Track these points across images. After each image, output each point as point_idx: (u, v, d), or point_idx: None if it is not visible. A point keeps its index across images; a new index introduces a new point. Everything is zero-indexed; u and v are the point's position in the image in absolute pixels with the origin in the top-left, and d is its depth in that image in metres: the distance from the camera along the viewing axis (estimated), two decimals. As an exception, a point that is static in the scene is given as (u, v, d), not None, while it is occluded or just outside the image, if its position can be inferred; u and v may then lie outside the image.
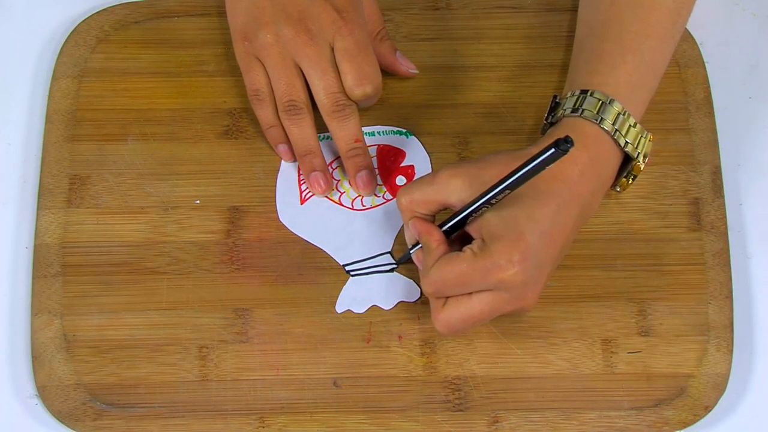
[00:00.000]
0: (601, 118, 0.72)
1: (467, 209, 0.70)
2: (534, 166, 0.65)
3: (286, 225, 0.79)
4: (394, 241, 0.79)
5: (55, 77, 0.82)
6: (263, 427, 0.74)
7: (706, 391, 0.75)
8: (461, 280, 0.69)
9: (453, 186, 0.71)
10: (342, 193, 0.80)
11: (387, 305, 0.77)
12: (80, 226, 0.79)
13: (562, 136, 0.63)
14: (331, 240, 0.79)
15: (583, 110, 0.72)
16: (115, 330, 0.76)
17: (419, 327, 0.76)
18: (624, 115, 0.72)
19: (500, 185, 0.67)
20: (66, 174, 0.80)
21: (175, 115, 0.82)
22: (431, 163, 0.80)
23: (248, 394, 0.75)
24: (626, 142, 0.73)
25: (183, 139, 0.81)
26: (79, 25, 0.84)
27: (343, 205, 0.80)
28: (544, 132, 0.76)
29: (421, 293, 0.77)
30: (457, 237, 0.72)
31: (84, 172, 0.80)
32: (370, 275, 0.78)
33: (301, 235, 0.78)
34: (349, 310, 0.77)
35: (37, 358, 0.76)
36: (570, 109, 0.73)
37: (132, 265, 0.78)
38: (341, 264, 0.78)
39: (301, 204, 0.80)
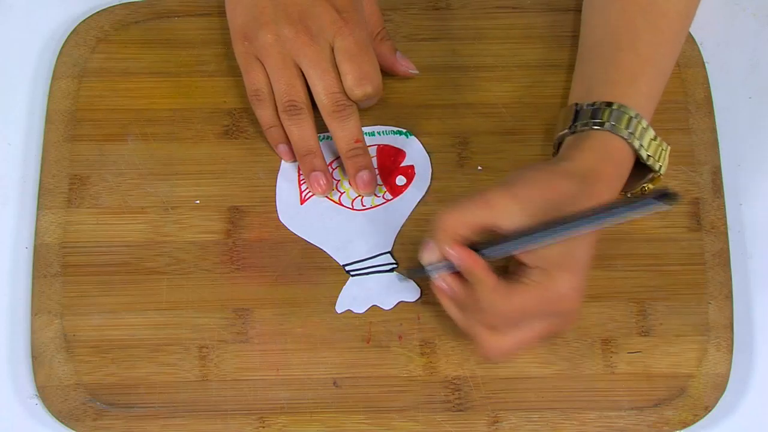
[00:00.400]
0: (629, 133, 0.71)
1: (526, 240, 0.66)
2: (630, 214, 0.62)
3: (286, 225, 0.79)
4: (394, 241, 0.78)
5: (55, 77, 0.82)
6: (263, 427, 0.74)
7: (706, 391, 0.75)
8: (526, 312, 0.69)
9: (511, 211, 0.68)
10: (342, 193, 0.80)
11: (387, 305, 0.77)
12: (80, 226, 0.79)
13: (591, 148, 0.61)
14: (331, 240, 0.79)
15: (610, 124, 0.71)
16: (115, 330, 0.76)
17: (419, 327, 0.76)
18: (645, 128, 0.72)
19: (584, 225, 0.64)
20: (66, 174, 0.80)
21: (175, 115, 0.82)
22: (431, 163, 0.80)
23: (248, 394, 0.75)
24: (648, 155, 0.72)
25: (183, 139, 0.81)
26: (79, 25, 0.84)
27: (343, 205, 0.80)
28: (560, 141, 0.75)
29: (422, 293, 0.77)
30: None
31: (84, 172, 0.80)
32: (370, 275, 0.78)
33: (301, 235, 0.78)
34: (349, 310, 0.77)
35: (37, 358, 0.76)
36: (594, 121, 0.72)
37: (132, 265, 0.78)
38: (341, 264, 0.78)
39: (301, 204, 0.80)
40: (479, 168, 0.80)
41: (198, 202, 0.79)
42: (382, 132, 0.81)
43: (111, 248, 0.78)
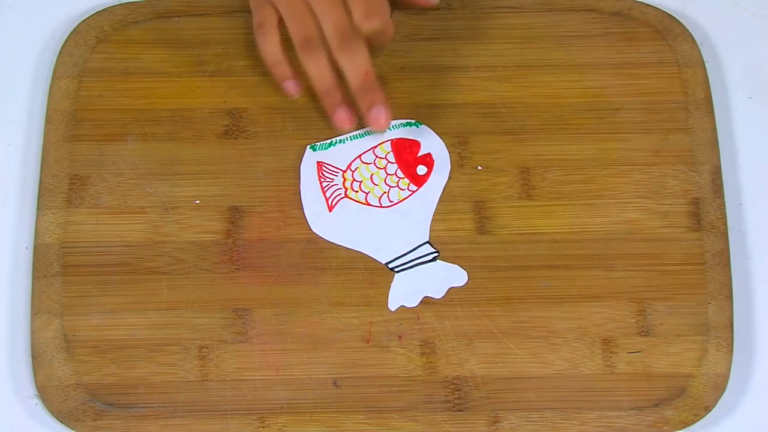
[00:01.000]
0: None
1: None
2: None
3: (320, 235, 0.78)
4: (430, 230, 0.78)
5: (55, 77, 0.82)
6: (263, 427, 0.74)
7: (706, 391, 0.75)
8: None
9: None
10: (367, 193, 0.80)
11: (438, 294, 0.77)
12: (80, 226, 0.79)
13: None
14: (367, 241, 0.78)
15: None
16: (115, 330, 0.76)
17: (419, 327, 0.76)
18: None
19: None
20: (66, 174, 0.80)
21: (175, 115, 0.82)
22: (447, 148, 0.80)
23: (248, 394, 0.75)
24: None
25: (183, 139, 0.81)
26: (79, 25, 0.84)
27: (371, 205, 0.79)
28: None
29: (468, 277, 0.77)
30: None
31: (84, 172, 0.80)
32: (414, 268, 0.78)
33: (337, 242, 0.78)
34: (402, 306, 0.76)
35: (37, 358, 0.76)
36: None
37: (132, 265, 0.78)
38: (383, 263, 0.78)
39: (330, 211, 0.79)
40: (479, 168, 0.80)
41: (198, 202, 0.79)
42: (393, 126, 0.81)
43: (111, 248, 0.78)
